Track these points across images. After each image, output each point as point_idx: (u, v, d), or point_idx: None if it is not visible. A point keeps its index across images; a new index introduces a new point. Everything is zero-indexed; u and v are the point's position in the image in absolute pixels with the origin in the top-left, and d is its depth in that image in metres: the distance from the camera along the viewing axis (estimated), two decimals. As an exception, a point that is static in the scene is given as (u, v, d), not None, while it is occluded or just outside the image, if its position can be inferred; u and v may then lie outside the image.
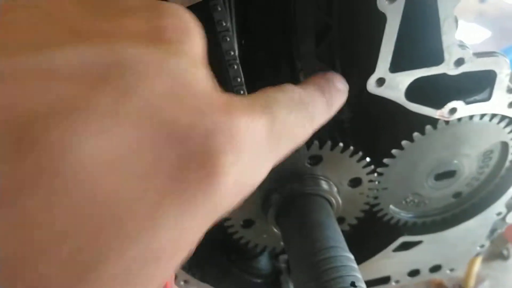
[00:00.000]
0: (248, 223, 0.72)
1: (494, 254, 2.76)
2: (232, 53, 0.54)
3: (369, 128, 0.68)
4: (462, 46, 0.54)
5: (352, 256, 0.58)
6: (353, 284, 0.53)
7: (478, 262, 2.41)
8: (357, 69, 0.59)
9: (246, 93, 0.59)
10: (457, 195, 0.78)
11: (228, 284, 0.80)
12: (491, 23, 4.51)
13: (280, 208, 0.66)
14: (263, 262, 0.88)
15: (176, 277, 0.73)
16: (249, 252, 0.86)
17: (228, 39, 0.53)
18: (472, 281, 2.53)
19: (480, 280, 2.59)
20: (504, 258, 2.76)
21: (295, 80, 0.61)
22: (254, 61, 0.62)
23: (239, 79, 0.57)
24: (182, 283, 0.74)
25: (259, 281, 0.86)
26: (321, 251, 0.57)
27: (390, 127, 0.66)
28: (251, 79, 0.60)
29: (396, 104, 0.59)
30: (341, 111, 0.65)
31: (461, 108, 0.60)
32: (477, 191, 0.78)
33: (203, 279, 0.76)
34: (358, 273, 0.56)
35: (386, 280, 0.88)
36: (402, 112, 0.61)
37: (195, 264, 0.76)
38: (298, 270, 0.58)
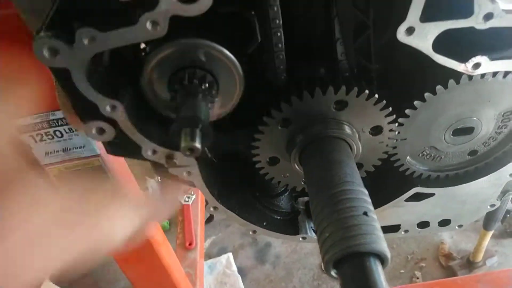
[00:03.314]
0: (273, 161, 0.78)
1: (506, 232, 2.78)
2: (278, 21, 0.59)
3: (394, 79, 0.72)
4: (492, 0, 0.56)
5: (366, 192, 0.64)
6: (365, 213, 0.59)
7: (488, 237, 2.44)
8: (389, 19, 0.63)
9: (282, 35, 0.64)
10: (473, 153, 0.82)
11: (250, 216, 0.88)
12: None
13: (303, 148, 0.72)
14: (284, 202, 0.95)
15: (207, 203, 0.81)
16: (272, 191, 0.93)
17: (275, 8, 0.58)
18: (481, 256, 2.58)
19: (489, 255, 2.63)
20: (516, 236, 2.78)
21: (330, 26, 0.65)
22: (291, 6, 0.66)
23: (277, 21, 0.62)
24: (212, 209, 0.82)
25: (278, 218, 0.94)
26: (339, 184, 0.63)
27: (414, 79, 0.70)
28: (287, 24, 0.65)
29: (421, 56, 0.62)
30: (369, 61, 0.70)
31: (485, 64, 0.63)
32: (492, 150, 0.82)
33: (229, 208, 0.83)
34: (371, 206, 0.62)
35: (396, 228, 0.95)
36: (427, 65, 0.65)
37: (225, 194, 0.84)
38: (316, 200, 0.64)
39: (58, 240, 0.45)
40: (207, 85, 0.66)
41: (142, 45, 0.72)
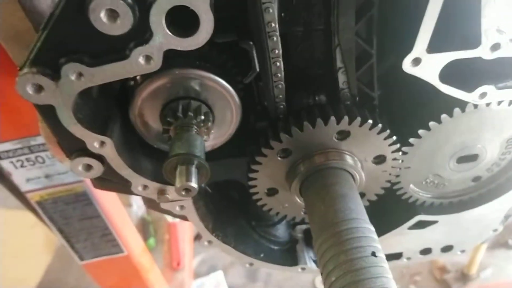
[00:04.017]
0: (272, 192, 0.74)
1: (499, 243, 2.78)
2: (273, 24, 0.56)
3: (398, 107, 0.69)
4: (499, 31, 0.54)
5: (373, 228, 0.61)
6: (373, 254, 0.56)
7: (482, 250, 2.43)
8: (393, 47, 0.60)
9: (282, 64, 0.61)
10: (476, 179, 0.79)
11: (246, 248, 0.84)
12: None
13: (305, 179, 0.69)
14: (281, 231, 0.91)
15: (201, 237, 0.77)
16: (269, 220, 0.89)
17: (271, 10, 0.55)
18: (475, 268, 2.56)
19: (483, 267, 2.62)
20: (509, 247, 2.77)
21: (332, 56, 0.62)
22: (291, 36, 0.63)
23: (277, 51, 0.59)
24: (206, 243, 0.78)
25: (275, 247, 0.90)
26: (344, 222, 0.59)
27: (419, 107, 0.67)
28: (287, 53, 0.62)
29: (426, 84, 0.60)
30: (371, 89, 0.67)
31: (492, 93, 0.61)
32: (496, 176, 0.80)
33: (224, 241, 0.79)
34: (378, 244, 0.59)
35: (398, 256, 0.92)
36: (432, 93, 0.62)
37: (219, 227, 0.80)
38: (321, 238, 0.60)
39: None
40: (202, 117, 0.63)
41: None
